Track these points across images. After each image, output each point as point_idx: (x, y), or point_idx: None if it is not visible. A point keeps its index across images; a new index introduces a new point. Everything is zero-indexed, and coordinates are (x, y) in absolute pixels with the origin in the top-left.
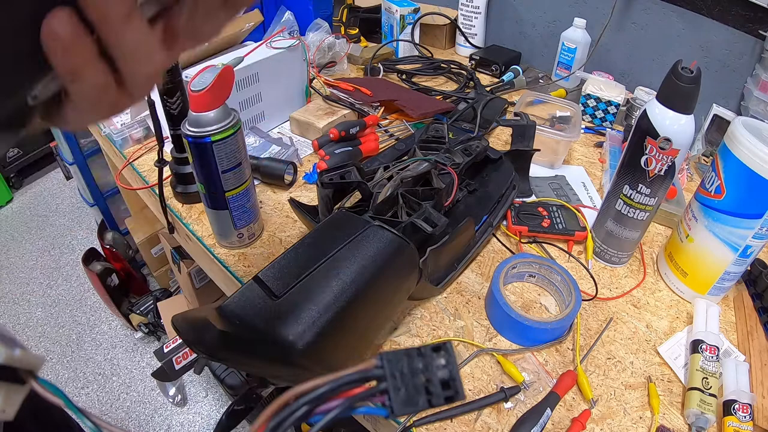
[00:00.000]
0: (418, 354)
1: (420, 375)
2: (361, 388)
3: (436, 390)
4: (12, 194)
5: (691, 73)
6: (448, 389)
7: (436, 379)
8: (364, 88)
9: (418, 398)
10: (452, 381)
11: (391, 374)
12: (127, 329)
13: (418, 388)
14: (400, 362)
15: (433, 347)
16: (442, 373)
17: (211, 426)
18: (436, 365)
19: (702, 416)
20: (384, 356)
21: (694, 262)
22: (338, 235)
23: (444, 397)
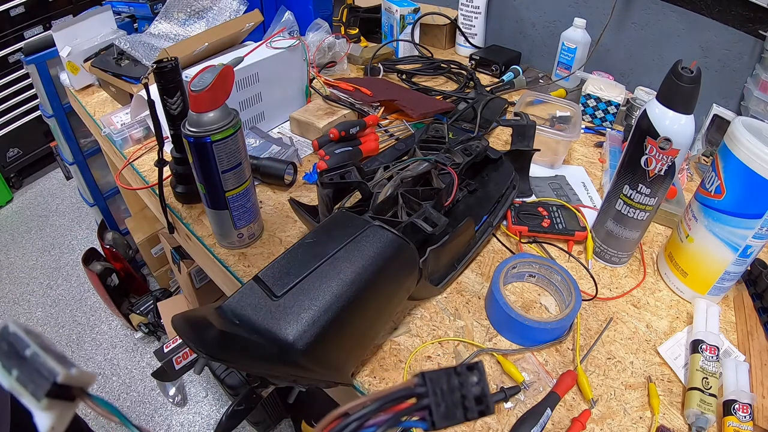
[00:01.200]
0: (455, 372)
1: (457, 392)
2: (405, 404)
3: (470, 405)
4: (12, 194)
5: (691, 73)
6: (480, 404)
7: (471, 395)
8: (364, 88)
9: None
10: (484, 397)
11: (433, 391)
12: (127, 329)
13: (456, 403)
14: (441, 380)
15: (468, 366)
16: (476, 390)
17: (212, 426)
18: (470, 382)
19: (702, 416)
20: (426, 375)
21: (694, 262)
22: (338, 235)
23: (477, 411)
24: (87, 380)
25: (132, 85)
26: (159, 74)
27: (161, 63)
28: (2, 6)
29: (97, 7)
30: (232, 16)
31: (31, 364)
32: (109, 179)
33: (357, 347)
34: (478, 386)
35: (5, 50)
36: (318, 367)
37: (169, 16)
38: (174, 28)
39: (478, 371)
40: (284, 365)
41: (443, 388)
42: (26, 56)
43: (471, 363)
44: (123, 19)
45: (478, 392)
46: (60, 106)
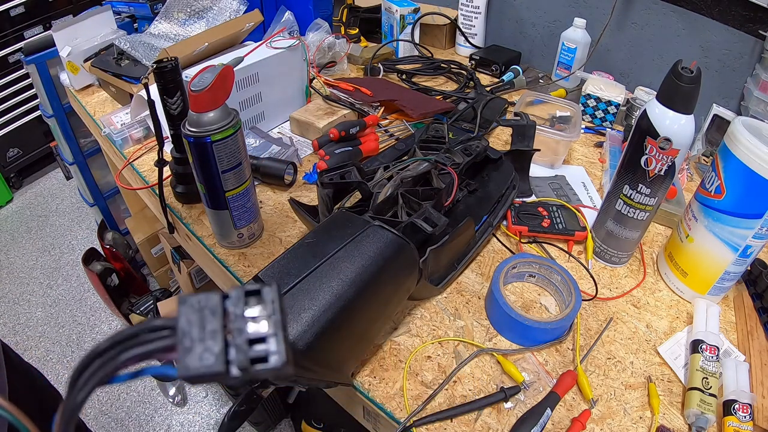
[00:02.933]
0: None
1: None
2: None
3: (241, 346)
4: (12, 194)
5: (691, 73)
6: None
7: (245, 336)
8: (364, 88)
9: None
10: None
11: (186, 325)
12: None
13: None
14: (202, 310)
15: (248, 291)
16: (255, 328)
17: (212, 426)
18: (249, 317)
19: (702, 416)
20: (182, 300)
21: (694, 262)
22: (338, 235)
23: (250, 358)
24: None
25: (132, 85)
26: (159, 74)
27: (161, 63)
28: (2, 6)
29: (97, 7)
30: (232, 16)
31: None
32: (109, 179)
33: (357, 347)
34: (264, 322)
35: (5, 50)
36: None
37: (169, 16)
38: (174, 28)
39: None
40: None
41: (204, 323)
42: (26, 56)
43: (254, 287)
44: (123, 19)
45: (260, 332)
46: (60, 106)
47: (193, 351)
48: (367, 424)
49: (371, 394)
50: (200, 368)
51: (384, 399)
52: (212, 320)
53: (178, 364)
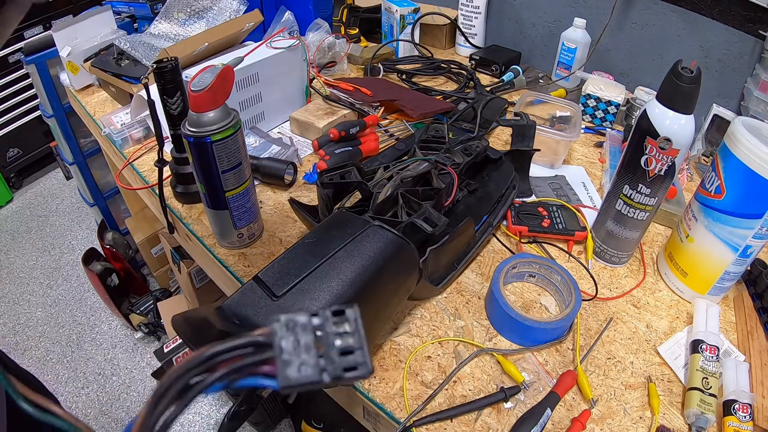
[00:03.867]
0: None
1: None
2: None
3: (333, 360)
4: (12, 194)
5: (691, 73)
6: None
7: (335, 348)
8: (364, 88)
9: (308, 368)
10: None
11: (282, 341)
12: (127, 329)
13: (311, 356)
14: (295, 328)
15: (334, 311)
16: (346, 342)
17: (212, 426)
18: (336, 332)
19: (702, 416)
20: (274, 320)
21: (694, 262)
22: (338, 235)
23: (342, 368)
24: None
25: (132, 85)
26: (159, 74)
27: (161, 63)
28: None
29: (97, 7)
30: (232, 16)
31: None
32: (109, 179)
33: None
34: (350, 338)
35: (5, 50)
36: None
37: (169, 16)
38: (174, 28)
39: (353, 318)
40: None
41: (297, 337)
42: (26, 56)
43: (340, 307)
44: (123, 19)
45: (348, 344)
46: (60, 106)
47: (292, 364)
48: (367, 424)
49: (371, 394)
50: (300, 379)
51: (384, 399)
52: (304, 336)
53: (279, 375)
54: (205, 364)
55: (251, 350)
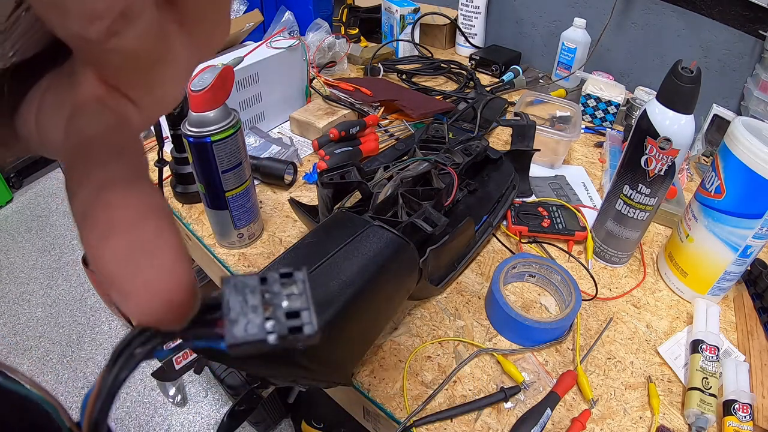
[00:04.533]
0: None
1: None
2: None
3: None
4: (12, 194)
5: (691, 73)
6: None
7: (282, 309)
8: (364, 88)
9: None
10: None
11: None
12: (127, 329)
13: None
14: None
15: (282, 273)
16: (293, 304)
17: (212, 426)
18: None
19: (702, 416)
20: (226, 280)
21: (694, 262)
22: (338, 235)
23: (288, 327)
24: None
25: None
26: None
27: None
28: None
29: None
30: (232, 16)
31: None
32: None
33: (357, 347)
34: (298, 300)
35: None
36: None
37: None
38: None
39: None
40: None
41: (246, 299)
42: None
43: (288, 269)
44: None
45: (295, 307)
46: None
47: (239, 323)
48: (367, 424)
49: (371, 394)
50: (246, 337)
51: (384, 399)
52: (252, 297)
53: (226, 334)
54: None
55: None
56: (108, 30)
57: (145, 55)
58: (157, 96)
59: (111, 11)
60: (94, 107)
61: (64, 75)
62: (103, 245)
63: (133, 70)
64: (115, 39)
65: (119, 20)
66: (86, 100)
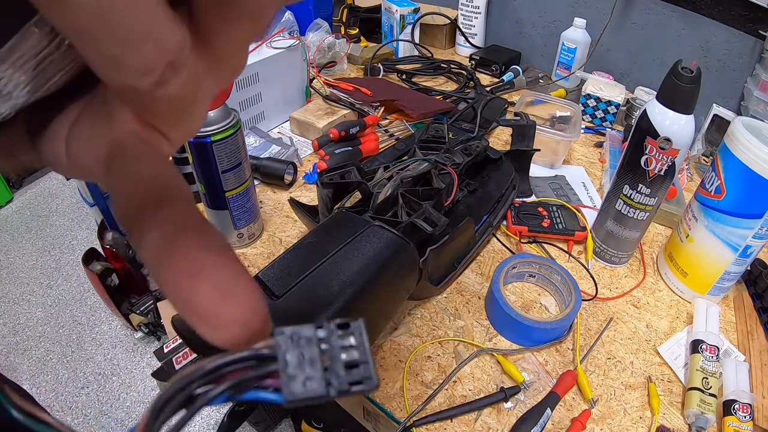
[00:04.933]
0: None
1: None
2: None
3: (339, 373)
4: (12, 194)
5: (691, 73)
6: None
7: (340, 361)
8: (364, 88)
9: (313, 382)
10: (363, 364)
11: (285, 353)
12: (127, 329)
13: (316, 370)
14: (299, 340)
15: (339, 324)
16: (351, 355)
17: (212, 426)
18: (341, 345)
19: (702, 416)
20: (277, 332)
21: (694, 262)
22: (338, 235)
23: (348, 381)
24: None
25: None
26: None
27: None
28: None
29: None
30: None
31: None
32: None
33: None
34: (356, 351)
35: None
36: None
37: None
38: None
39: (357, 331)
40: None
41: (302, 350)
42: None
43: (345, 320)
44: None
45: (354, 358)
46: None
47: (297, 378)
48: (367, 424)
49: (371, 394)
50: (306, 393)
51: (384, 399)
52: (309, 349)
53: (284, 390)
54: (208, 376)
55: (255, 363)
56: (157, 81)
57: (184, 99)
58: (186, 129)
59: (163, 64)
60: (137, 146)
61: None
62: (191, 289)
63: (171, 111)
64: (163, 88)
65: (167, 71)
66: (126, 135)
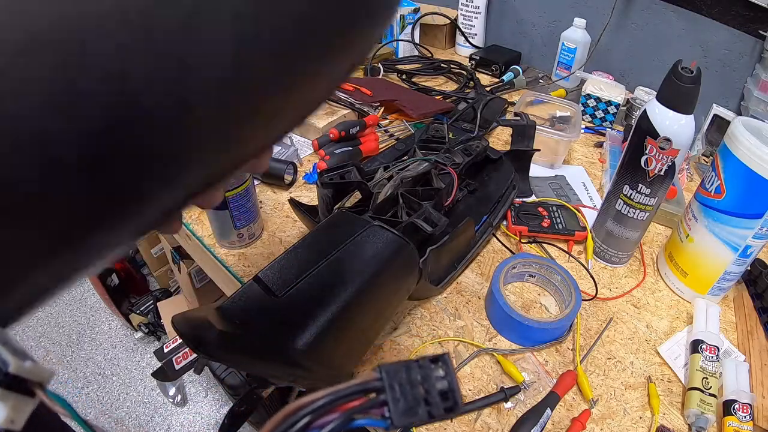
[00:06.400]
0: (416, 366)
1: (419, 386)
2: (359, 400)
3: (435, 401)
4: None
5: (691, 73)
6: (446, 400)
7: (435, 390)
8: (364, 88)
9: (417, 409)
10: (451, 392)
11: (390, 386)
12: (127, 329)
13: (417, 399)
14: (399, 374)
15: (431, 358)
16: (441, 384)
17: (212, 426)
18: (434, 376)
19: (702, 416)
20: (383, 368)
21: (694, 262)
22: (338, 236)
23: (443, 408)
24: (44, 375)
25: None
26: None
27: None
28: None
29: None
30: None
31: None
32: None
33: (357, 347)
34: (444, 380)
35: None
36: (318, 367)
37: None
38: None
39: (444, 363)
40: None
41: (402, 382)
42: None
43: (436, 355)
44: None
45: (444, 387)
46: None
47: (400, 406)
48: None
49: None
50: (411, 420)
51: None
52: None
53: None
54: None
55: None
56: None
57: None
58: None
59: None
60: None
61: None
62: None
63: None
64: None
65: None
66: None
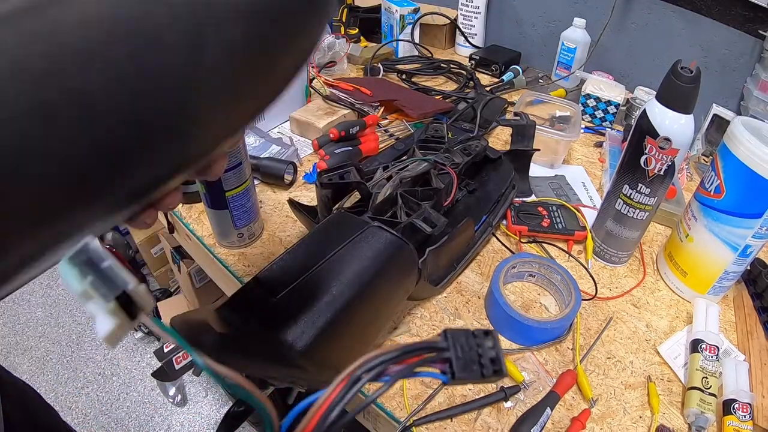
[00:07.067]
0: (472, 335)
1: (474, 351)
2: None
3: (486, 364)
4: None
5: (690, 72)
6: (495, 365)
7: (486, 356)
8: (364, 88)
9: (473, 367)
10: (498, 360)
11: (453, 346)
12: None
13: (474, 360)
14: (460, 339)
15: (484, 332)
16: (491, 353)
17: (212, 426)
18: (486, 345)
19: (702, 416)
20: (448, 332)
21: (694, 262)
22: (337, 236)
23: (493, 370)
24: (149, 302)
25: None
26: None
27: None
28: None
29: None
30: None
31: (105, 274)
32: None
33: (356, 348)
34: (493, 350)
35: None
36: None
37: None
38: None
39: (493, 337)
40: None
41: (462, 346)
42: None
43: (486, 329)
44: None
45: (492, 355)
46: None
47: (461, 364)
48: (366, 423)
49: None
50: (468, 376)
51: (384, 398)
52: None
53: (456, 372)
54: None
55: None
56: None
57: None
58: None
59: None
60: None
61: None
62: None
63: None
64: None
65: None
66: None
